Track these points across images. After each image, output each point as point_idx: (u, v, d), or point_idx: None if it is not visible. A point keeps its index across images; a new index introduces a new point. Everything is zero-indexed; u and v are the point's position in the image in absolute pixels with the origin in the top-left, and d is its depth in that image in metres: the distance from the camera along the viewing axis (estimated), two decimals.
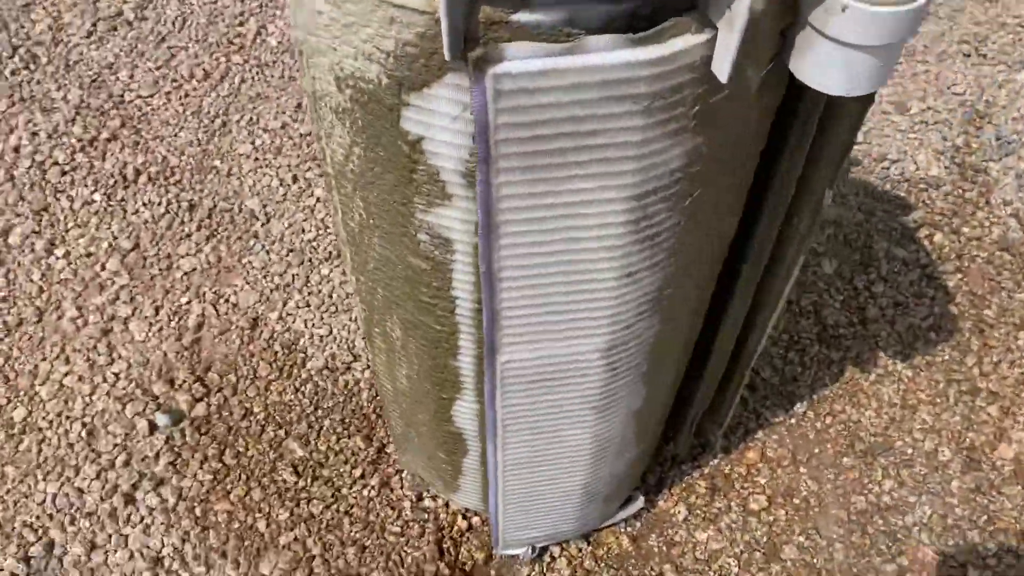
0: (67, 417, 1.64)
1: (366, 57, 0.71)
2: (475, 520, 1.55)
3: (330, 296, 1.79)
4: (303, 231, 1.88)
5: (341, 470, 1.60)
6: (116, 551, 1.51)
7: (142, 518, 1.54)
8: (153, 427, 1.63)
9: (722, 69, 0.63)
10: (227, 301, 1.79)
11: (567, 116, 0.66)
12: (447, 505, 1.56)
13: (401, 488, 1.58)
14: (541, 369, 0.98)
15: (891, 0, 0.64)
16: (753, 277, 1.10)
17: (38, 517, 1.54)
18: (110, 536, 1.52)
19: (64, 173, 1.95)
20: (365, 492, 1.57)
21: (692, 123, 0.70)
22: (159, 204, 1.91)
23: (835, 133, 0.90)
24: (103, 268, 1.82)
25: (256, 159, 2.00)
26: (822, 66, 0.70)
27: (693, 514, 1.56)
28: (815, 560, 1.52)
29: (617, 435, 1.17)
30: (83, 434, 1.62)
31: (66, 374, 1.69)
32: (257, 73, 2.15)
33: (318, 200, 1.92)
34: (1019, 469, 1.61)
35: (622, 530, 1.54)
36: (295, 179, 1.97)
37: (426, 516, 1.55)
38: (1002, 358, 1.73)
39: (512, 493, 1.28)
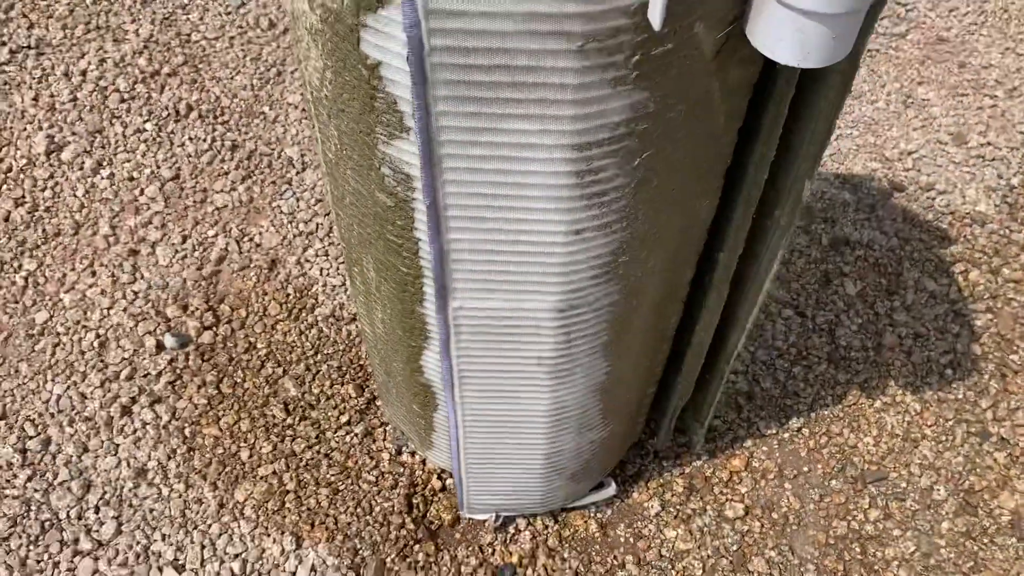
0: (84, 326, 1.71)
1: None
2: (449, 482, 1.56)
3: None
4: None
5: (329, 414, 1.63)
6: (105, 457, 1.58)
7: (135, 430, 1.61)
8: (160, 347, 1.69)
9: (654, 16, 0.63)
10: (251, 240, 1.85)
11: (500, 47, 0.67)
12: (424, 463, 1.58)
13: (383, 440, 1.60)
14: (494, 321, 0.99)
15: None
16: (729, 266, 1.08)
17: (40, 414, 1.61)
18: (102, 442, 1.59)
19: (123, 100, 2.04)
20: (348, 439, 1.60)
21: (633, 73, 0.70)
22: (204, 140, 1.98)
23: (809, 119, 0.88)
24: (142, 193, 1.90)
25: (303, 110, 2.05)
26: (773, 32, 0.69)
27: (666, 511, 1.54)
28: None
29: (577, 407, 1.17)
30: (95, 344, 1.69)
31: (90, 286, 1.77)
32: None
33: None
34: (1017, 521, 1.54)
35: (591, 515, 1.53)
36: None
37: (402, 470, 1.57)
38: (1020, 406, 1.66)
39: (474, 453, 1.29)
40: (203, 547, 1.50)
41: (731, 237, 1.04)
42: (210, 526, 1.52)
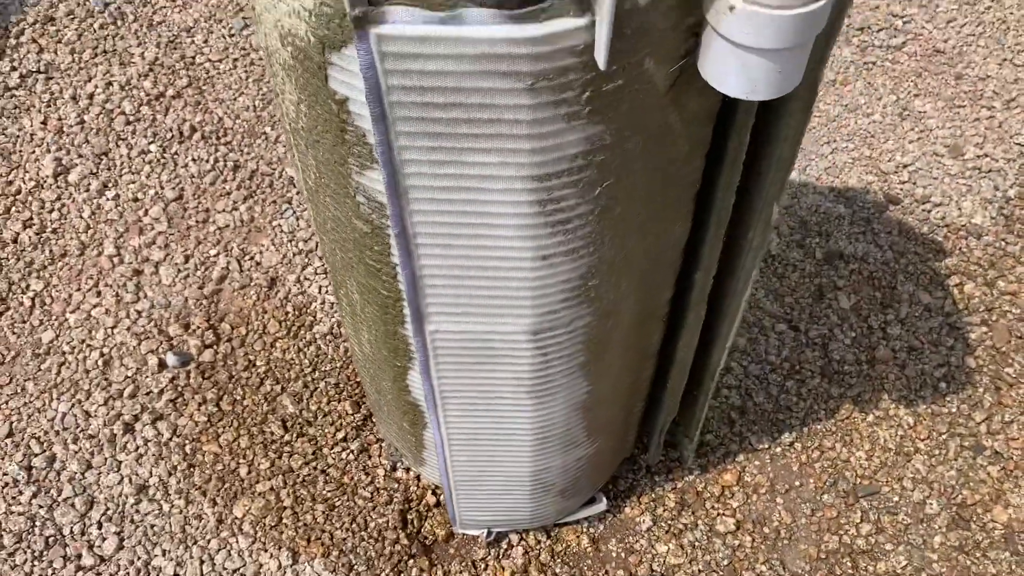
0: (88, 345, 1.75)
1: (296, 15, 0.76)
2: (443, 498, 1.59)
3: None
4: None
5: (326, 431, 1.66)
6: (108, 474, 1.61)
7: (137, 448, 1.64)
8: (162, 365, 1.73)
9: (599, 55, 0.65)
10: (252, 259, 1.88)
11: (454, 86, 0.69)
12: (418, 479, 1.60)
13: (379, 456, 1.63)
14: (470, 344, 1.01)
15: (776, 3, 0.64)
16: (705, 285, 1.10)
17: (45, 432, 1.65)
18: (105, 459, 1.63)
19: (128, 123, 2.09)
20: (344, 455, 1.63)
21: (585, 109, 0.72)
22: (207, 161, 2.02)
23: (774, 145, 0.90)
24: (146, 213, 1.94)
25: None
26: (720, 66, 0.71)
27: (658, 525, 1.55)
28: None
29: (560, 425, 1.19)
30: (99, 363, 1.73)
31: (95, 306, 1.81)
32: None
33: None
34: (1010, 535, 1.54)
35: (584, 530, 1.55)
36: None
37: (396, 486, 1.59)
38: (1015, 419, 1.66)
39: (461, 470, 1.31)
40: (202, 562, 1.53)
41: (705, 258, 1.05)
42: (209, 541, 1.55)
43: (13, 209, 1.94)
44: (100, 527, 1.56)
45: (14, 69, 2.17)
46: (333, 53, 0.75)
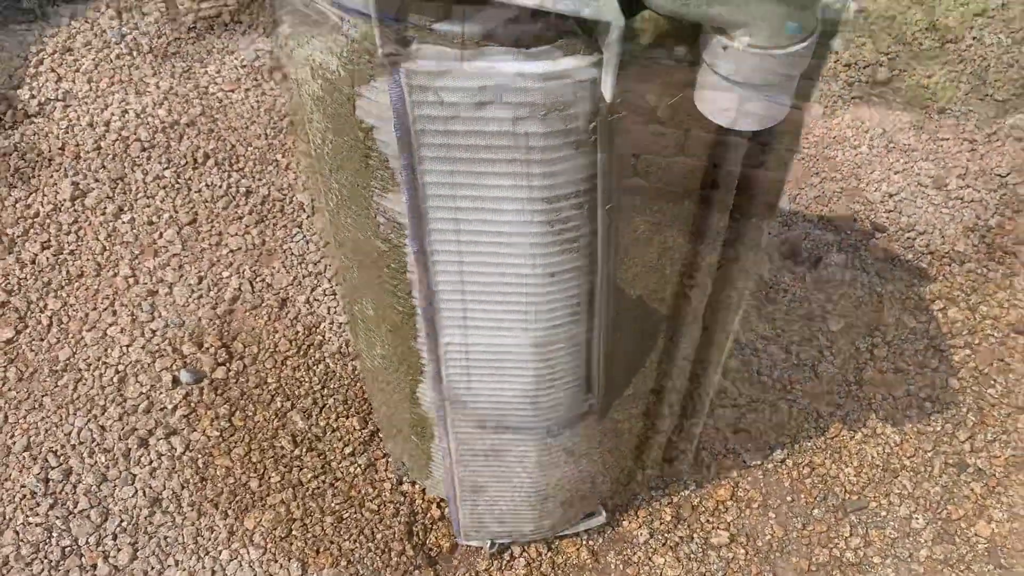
0: (104, 363, 1.81)
1: (328, 51, 0.84)
2: (448, 510, 1.64)
3: None
4: None
5: (335, 446, 1.72)
6: (123, 487, 1.66)
7: (151, 461, 1.70)
8: (176, 382, 1.79)
9: (605, 90, 0.73)
10: (263, 280, 1.95)
11: (475, 116, 0.77)
12: (424, 492, 1.66)
13: (385, 470, 1.69)
14: (480, 356, 1.08)
15: (764, 45, 0.72)
16: (701, 303, 1.17)
17: (63, 446, 1.71)
18: (120, 472, 1.68)
19: (144, 149, 2.16)
20: (352, 469, 1.69)
21: (592, 137, 0.79)
22: (220, 186, 2.10)
23: (763, 171, 0.97)
24: (160, 236, 2.01)
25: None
26: (714, 99, 0.79)
27: (655, 538, 1.61)
28: None
29: (563, 437, 1.25)
30: (115, 379, 1.79)
31: (111, 325, 1.87)
32: None
33: None
34: (993, 548, 1.60)
35: (583, 542, 1.60)
36: None
37: (403, 499, 1.65)
38: (996, 437, 1.73)
39: (466, 480, 1.37)
40: (214, 573, 1.58)
41: (700, 277, 1.13)
42: (221, 552, 1.60)
43: (31, 231, 2.01)
44: (115, 538, 1.61)
45: (33, 97, 2.25)
46: (362, 86, 0.83)
